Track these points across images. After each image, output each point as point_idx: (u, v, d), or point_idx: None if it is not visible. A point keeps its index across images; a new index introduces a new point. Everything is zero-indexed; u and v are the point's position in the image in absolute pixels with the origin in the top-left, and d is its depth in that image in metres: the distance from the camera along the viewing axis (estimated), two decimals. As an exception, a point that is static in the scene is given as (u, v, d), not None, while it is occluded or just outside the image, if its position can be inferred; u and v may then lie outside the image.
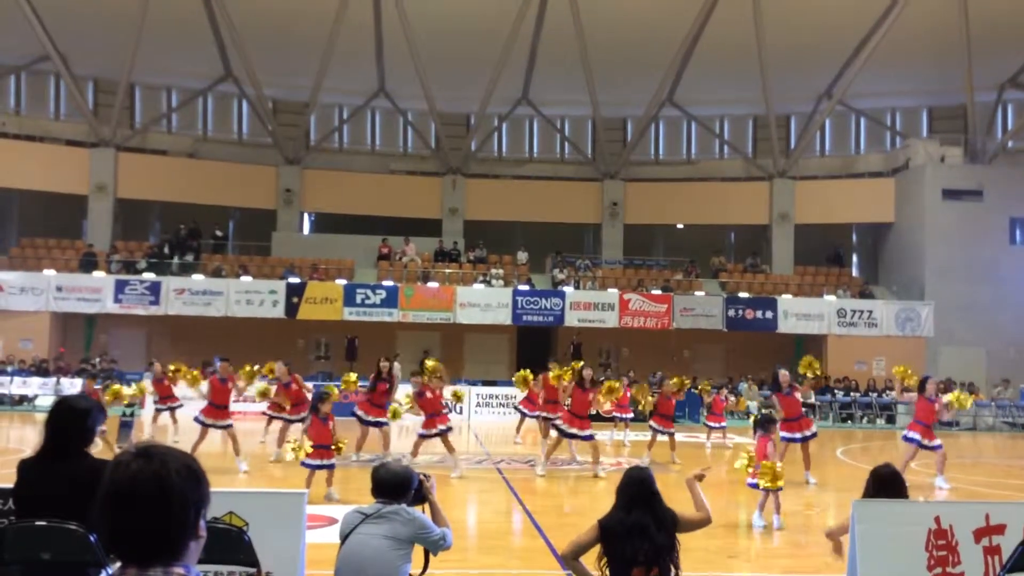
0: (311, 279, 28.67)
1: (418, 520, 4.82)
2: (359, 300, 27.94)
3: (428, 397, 13.96)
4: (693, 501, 5.29)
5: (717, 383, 24.06)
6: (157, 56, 30.08)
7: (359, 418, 15.43)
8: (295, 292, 27.77)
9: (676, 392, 16.85)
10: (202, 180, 31.75)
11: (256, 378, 15.33)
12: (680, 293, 29.80)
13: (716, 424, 19.02)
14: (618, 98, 32.30)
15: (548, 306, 28.67)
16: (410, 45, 28.72)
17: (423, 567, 4.95)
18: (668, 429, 16.35)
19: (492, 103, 31.81)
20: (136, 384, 17.49)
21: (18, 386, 25.49)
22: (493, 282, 30.06)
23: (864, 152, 35.07)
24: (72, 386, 23.31)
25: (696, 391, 21.27)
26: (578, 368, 14.32)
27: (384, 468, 5.05)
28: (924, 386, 13.91)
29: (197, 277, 28.38)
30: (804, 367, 14.37)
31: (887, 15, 28.14)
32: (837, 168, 34.55)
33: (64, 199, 31.08)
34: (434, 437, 13.90)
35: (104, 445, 13.15)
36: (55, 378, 25.33)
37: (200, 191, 31.52)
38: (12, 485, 4.34)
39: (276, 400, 15.97)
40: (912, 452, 13.61)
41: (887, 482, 5.66)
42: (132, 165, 31.35)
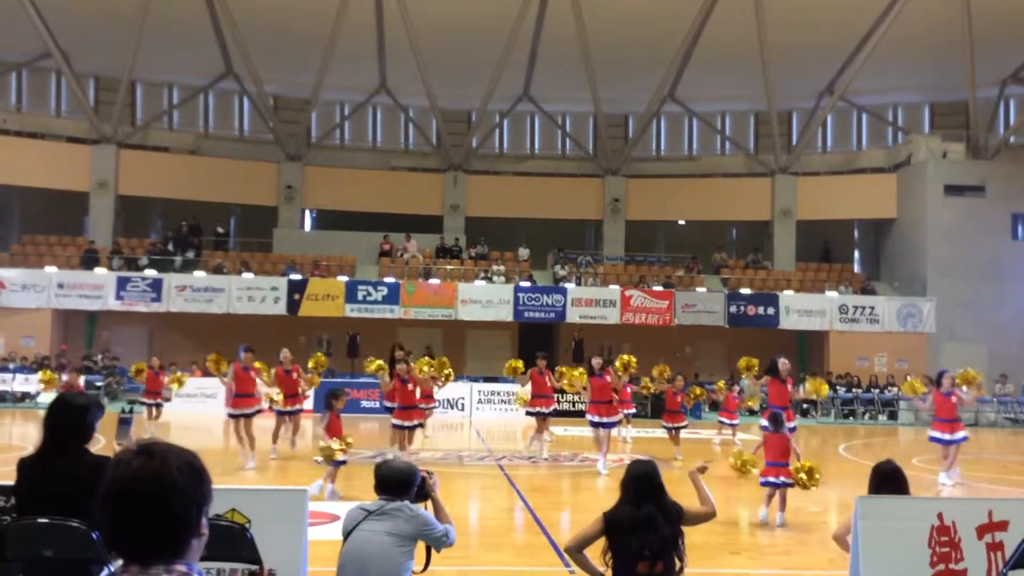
0: (312, 276, 28.67)
1: (421, 517, 4.82)
2: (360, 297, 27.93)
3: (409, 388, 13.87)
4: (697, 495, 5.29)
5: (714, 380, 24.02)
6: (158, 53, 30.06)
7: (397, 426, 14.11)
8: (297, 289, 27.77)
9: (670, 384, 16.93)
10: (203, 177, 31.76)
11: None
12: (682, 289, 29.78)
13: (729, 421, 19.05)
14: (619, 94, 32.26)
15: (549, 303, 28.65)
16: (411, 42, 28.69)
17: (425, 564, 4.95)
18: (677, 424, 16.42)
19: (493, 99, 31.78)
20: (180, 375, 18.25)
21: (20, 383, 25.51)
22: (495, 279, 30.05)
23: (866, 148, 34.99)
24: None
25: (689, 397, 21.19)
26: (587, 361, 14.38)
27: (387, 465, 5.05)
28: (940, 381, 13.82)
29: (199, 274, 28.40)
30: (811, 391, 13.99)
31: (889, 10, 28.06)
32: (839, 164, 34.48)
33: (66, 196, 31.09)
34: (405, 430, 13.71)
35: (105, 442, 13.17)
36: (57, 375, 25.27)
37: (201, 188, 31.54)
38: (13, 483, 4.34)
39: (268, 386, 15.14)
40: (943, 451, 13.46)
41: (889, 478, 5.68)
42: (133, 162, 31.36)
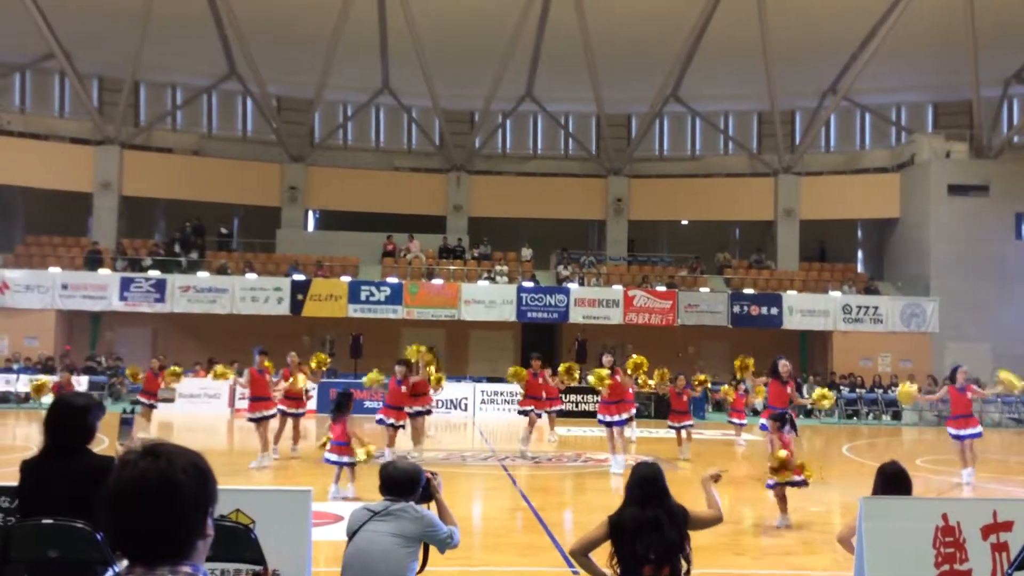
0: (316, 276, 28.69)
1: (426, 518, 4.82)
2: (364, 297, 27.95)
3: (403, 391, 13.97)
4: (706, 499, 5.27)
5: (720, 381, 23.98)
6: (162, 54, 30.11)
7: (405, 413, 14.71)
8: (300, 289, 27.79)
9: (674, 384, 16.92)
10: (207, 178, 31.78)
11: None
12: (685, 289, 29.77)
13: (739, 421, 19.04)
14: (622, 94, 32.24)
15: (553, 303, 28.64)
16: (414, 42, 28.69)
17: (422, 564, 4.95)
18: (683, 423, 16.42)
19: (496, 100, 31.78)
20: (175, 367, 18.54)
21: (24, 384, 25.51)
22: (498, 279, 30.05)
23: (869, 148, 34.95)
24: (78, 384, 23.30)
25: (695, 388, 21.17)
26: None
27: (392, 465, 5.05)
28: (954, 376, 13.73)
29: (202, 274, 28.43)
30: (816, 399, 13.84)
31: (892, 10, 28.03)
32: (842, 164, 34.44)
33: (69, 197, 31.13)
34: (388, 427, 13.94)
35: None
36: (48, 381, 25.26)
37: (205, 188, 31.56)
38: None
39: (274, 390, 14.95)
40: (961, 447, 13.35)
41: (893, 479, 5.68)
42: (137, 163, 31.40)
